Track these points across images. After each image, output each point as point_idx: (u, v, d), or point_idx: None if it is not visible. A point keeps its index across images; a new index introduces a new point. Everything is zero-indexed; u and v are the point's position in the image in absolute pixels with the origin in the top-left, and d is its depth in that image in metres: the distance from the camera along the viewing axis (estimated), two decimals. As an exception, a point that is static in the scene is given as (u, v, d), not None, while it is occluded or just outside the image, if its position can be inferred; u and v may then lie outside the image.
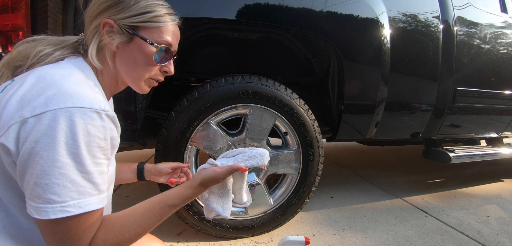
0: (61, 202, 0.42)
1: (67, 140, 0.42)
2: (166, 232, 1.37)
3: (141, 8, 0.56)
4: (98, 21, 0.56)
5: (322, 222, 1.54)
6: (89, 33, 0.57)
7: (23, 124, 0.42)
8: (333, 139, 1.51)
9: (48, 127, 0.41)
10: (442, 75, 1.50)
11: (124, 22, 0.56)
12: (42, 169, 0.41)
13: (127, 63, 0.59)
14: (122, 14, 0.56)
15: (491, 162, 2.68)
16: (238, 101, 1.17)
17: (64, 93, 0.43)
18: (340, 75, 1.30)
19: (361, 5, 1.24)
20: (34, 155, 0.41)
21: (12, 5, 0.99)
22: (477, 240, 1.42)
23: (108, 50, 0.58)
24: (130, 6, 0.56)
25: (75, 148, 0.43)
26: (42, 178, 0.41)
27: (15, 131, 0.42)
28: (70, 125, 0.42)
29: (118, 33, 0.56)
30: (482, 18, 1.64)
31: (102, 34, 0.56)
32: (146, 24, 0.57)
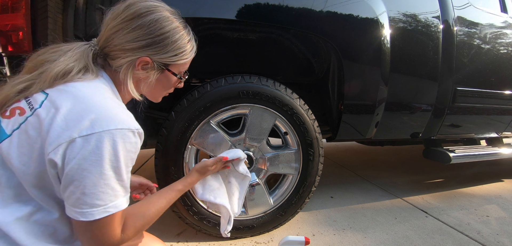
0: (104, 205, 0.51)
1: (111, 157, 0.51)
2: (166, 232, 1.37)
3: (176, 49, 0.65)
4: (134, 57, 0.62)
5: (322, 222, 1.54)
6: (121, 63, 0.62)
7: (71, 143, 0.49)
8: (333, 139, 1.51)
9: (95, 147, 0.49)
10: (442, 75, 1.50)
11: (159, 60, 0.64)
12: (91, 182, 0.50)
13: (152, 87, 0.68)
14: (159, 55, 0.64)
15: (491, 162, 2.68)
16: (238, 101, 1.17)
17: (105, 117, 0.51)
18: (340, 75, 1.30)
19: (361, 5, 1.24)
20: (82, 170, 0.49)
21: (12, 5, 0.99)
22: (477, 240, 1.42)
23: (131, 75, 0.64)
24: (166, 47, 0.64)
25: (116, 163, 0.52)
26: (90, 188, 0.50)
27: (63, 149, 0.49)
28: (113, 145, 0.51)
29: (152, 69, 0.65)
30: (482, 18, 1.64)
31: (137, 68, 0.63)
32: (176, 61, 0.67)
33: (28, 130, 0.51)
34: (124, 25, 0.61)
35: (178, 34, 0.65)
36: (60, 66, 0.56)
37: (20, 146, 0.51)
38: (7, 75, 1.05)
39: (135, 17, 0.61)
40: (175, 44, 0.65)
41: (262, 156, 1.27)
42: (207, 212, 1.25)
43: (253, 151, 1.26)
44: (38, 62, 0.59)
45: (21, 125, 0.52)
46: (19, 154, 0.50)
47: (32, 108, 0.53)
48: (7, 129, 0.52)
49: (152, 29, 0.62)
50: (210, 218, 1.26)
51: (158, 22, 0.62)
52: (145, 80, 0.66)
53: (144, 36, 0.61)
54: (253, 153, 1.25)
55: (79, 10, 1.02)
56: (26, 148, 0.50)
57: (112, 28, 0.62)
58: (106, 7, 1.03)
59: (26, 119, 0.52)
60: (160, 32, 0.62)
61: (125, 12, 0.61)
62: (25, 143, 0.51)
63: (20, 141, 0.51)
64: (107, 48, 0.63)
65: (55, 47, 0.61)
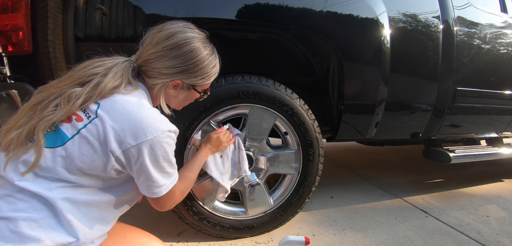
0: (165, 185, 0.72)
1: (163, 154, 0.67)
2: (166, 232, 1.37)
3: (203, 74, 0.78)
4: (168, 79, 0.74)
5: (322, 222, 1.54)
6: (156, 82, 0.74)
7: (132, 148, 0.63)
8: (333, 139, 1.51)
9: (150, 149, 0.65)
10: (442, 75, 1.50)
11: (189, 82, 0.77)
12: (154, 174, 0.68)
13: (178, 100, 0.81)
14: (190, 79, 0.77)
15: (491, 162, 2.68)
16: (238, 101, 1.17)
17: (150, 126, 0.64)
18: (340, 75, 1.30)
19: (361, 5, 1.24)
20: (146, 168, 0.66)
21: (12, 5, 0.99)
22: (477, 240, 1.42)
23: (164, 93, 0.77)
24: (196, 73, 0.76)
25: (167, 156, 0.69)
26: (154, 178, 0.68)
27: (128, 152, 0.63)
28: (163, 145, 0.67)
29: (182, 88, 0.78)
30: (482, 18, 1.64)
31: (169, 87, 0.76)
32: (202, 83, 0.80)
33: (87, 136, 0.62)
34: (164, 53, 0.72)
35: (206, 61, 0.77)
36: (112, 83, 0.67)
37: (80, 147, 0.61)
38: (7, 75, 1.05)
39: (174, 47, 0.72)
40: (203, 70, 0.77)
41: (262, 156, 1.27)
42: (207, 212, 1.25)
43: (253, 151, 1.26)
44: (85, 75, 0.67)
45: (81, 130, 0.62)
46: (80, 154, 0.61)
47: (89, 116, 0.64)
48: (68, 132, 0.62)
49: (187, 58, 0.73)
50: (210, 218, 1.26)
51: (193, 53, 0.74)
52: (174, 97, 0.80)
53: (180, 64, 0.73)
54: (253, 153, 1.25)
55: (79, 10, 1.02)
56: (85, 150, 0.62)
57: (153, 54, 0.72)
58: (106, 7, 1.04)
59: (85, 126, 0.63)
60: (193, 61, 0.74)
61: (166, 42, 0.72)
62: (85, 145, 0.62)
63: (80, 143, 0.62)
64: (145, 68, 0.75)
65: (98, 61, 0.71)
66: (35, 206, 0.58)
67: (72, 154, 0.61)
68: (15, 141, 0.59)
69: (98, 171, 0.64)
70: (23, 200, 0.58)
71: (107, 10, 1.04)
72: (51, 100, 0.64)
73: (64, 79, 0.68)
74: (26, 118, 0.62)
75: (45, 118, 0.61)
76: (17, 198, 0.58)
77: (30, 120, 0.61)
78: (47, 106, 0.63)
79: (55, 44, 1.01)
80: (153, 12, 1.06)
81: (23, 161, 0.60)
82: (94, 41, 1.05)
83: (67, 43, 1.02)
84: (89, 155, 0.62)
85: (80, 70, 0.68)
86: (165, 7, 1.07)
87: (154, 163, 0.67)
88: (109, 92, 0.66)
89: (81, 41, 1.04)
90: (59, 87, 0.66)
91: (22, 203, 0.58)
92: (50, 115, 0.61)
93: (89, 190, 0.65)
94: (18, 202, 0.58)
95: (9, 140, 0.60)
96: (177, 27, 0.74)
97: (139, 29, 1.06)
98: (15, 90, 1.02)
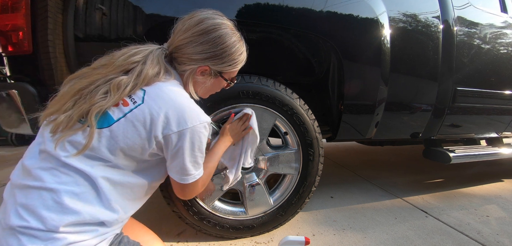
0: (193, 174, 0.76)
1: (198, 144, 0.72)
2: (166, 232, 1.37)
3: (231, 60, 0.80)
4: (197, 65, 0.77)
5: (322, 222, 1.54)
6: (185, 68, 0.78)
7: (173, 134, 0.68)
8: (333, 139, 1.51)
9: (189, 137, 0.70)
10: (442, 75, 1.49)
11: (216, 68, 0.79)
12: (187, 161, 0.73)
13: (206, 87, 0.84)
14: (218, 65, 0.79)
15: (491, 162, 2.68)
16: (238, 101, 1.17)
17: (192, 115, 0.70)
18: (340, 75, 1.30)
19: (361, 5, 1.24)
20: (181, 154, 0.71)
21: (12, 5, 0.99)
22: (477, 240, 1.42)
23: (192, 79, 0.81)
24: (224, 59, 0.78)
25: (201, 147, 0.74)
26: (186, 165, 0.73)
27: (168, 137, 0.68)
28: (199, 135, 0.71)
29: (210, 75, 0.81)
30: (482, 18, 1.64)
31: (197, 73, 0.79)
32: (230, 70, 0.82)
33: (133, 120, 0.66)
34: (194, 38, 0.75)
35: (234, 47, 0.79)
36: (152, 70, 0.71)
37: (125, 130, 0.66)
38: (7, 75, 1.05)
39: (203, 33, 0.75)
40: (231, 56, 0.79)
41: (262, 156, 1.27)
42: (207, 212, 1.25)
43: (253, 151, 1.25)
44: (127, 63, 0.71)
45: (127, 114, 0.66)
46: (124, 136, 0.66)
47: (135, 102, 0.68)
48: (114, 115, 0.66)
49: (215, 44, 0.76)
50: (210, 218, 1.26)
51: (221, 38, 0.76)
52: (202, 84, 0.82)
53: (208, 49, 0.76)
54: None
55: (79, 10, 1.02)
56: (130, 132, 0.66)
57: (183, 40, 0.76)
58: (106, 7, 1.04)
59: (131, 110, 0.67)
60: (221, 47, 0.76)
61: (196, 27, 0.75)
62: (130, 128, 0.66)
63: (126, 126, 0.66)
64: (176, 54, 0.78)
65: (135, 49, 0.74)
66: (77, 181, 0.63)
67: (117, 136, 0.65)
68: (64, 123, 0.63)
69: (136, 153, 0.68)
70: (67, 174, 0.63)
71: (107, 10, 1.04)
72: (97, 86, 0.67)
73: (104, 66, 0.71)
74: (72, 103, 0.66)
75: (97, 104, 0.64)
76: (61, 171, 0.63)
77: (78, 104, 0.65)
78: (95, 92, 0.66)
79: (55, 44, 1.01)
80: (153, 12, 1.06)
81: (70, 141, 0.64)
82: (94, 41, 1.05)
83: (67, 43, 1.03)
84: (132, 137, 0.66)
85: (119, 58, 0.71)
86: (165, 7, 1.07)
87: (190, 151, 0.71)
88: (151, 79, 0.71)
89: (81, 41, 1.04)
90: (102, 73, 0.69)
91: (65, 176, 0.62)
92: (101, 101, 0.65)
93: (124, 172, 0.69)
94: (62, 175, 0.62)
95: (59, 123, 0.63)
96: (206, 14, 0.77)
97: (139, 29, 1.06)
98: (15, 90, 1.02)
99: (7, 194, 0.65)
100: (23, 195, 0.61)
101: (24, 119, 1.06)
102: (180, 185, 0.77)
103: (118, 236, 0.73)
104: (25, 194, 0.61)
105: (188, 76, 0.79)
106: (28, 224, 0.58)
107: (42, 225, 0.59)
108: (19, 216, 0.59)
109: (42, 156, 0.65)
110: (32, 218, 0.59)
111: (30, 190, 0.61)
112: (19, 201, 0.61)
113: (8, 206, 0.62)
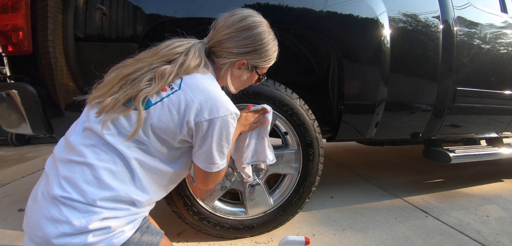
0: (218, 164, 0.78)
1: (226, 134, 0.75)
2: (166, 232, 1.36)
3: (266, 56, 0.85)
4: (235, 59, 0.81)
5: (322, 222, 1.54)
6: (224, 61, 0.82)
7: (204, 121, 0.71)
8: (333, 139, 1.51)
9: (218, 126, 0.72)
10: (442, 75, 1.49)
11: (253, 63, 0.84)
12: (214, 149, 0.75)
13: (241, 81, 0.88)
14: (255, 60, 0.83)
15: (491, 162, 2.68)
16: (238, 101, 1.17)
17: (222, 105, 0.72)
18: (340, 75, 1.30)
19: (361, 5, 1.24)
20: (210, 141, 0.73)
21: (12, 5, 0.99)
22: (477, 240, 1.42)
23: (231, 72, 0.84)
24: (261, 54, 0.83)
25: (228, 136, 0.76)
26: (213, 154, 0.75)
27: (200, 124, 0.71)
28: (228, 125, 0.74)
29: (246, 69, 0.85)
30: (482, 18, 1.64)
31: (235, 67, 0.83)
32: (264, 65, 0.87)
33: (169, 104, 0.70)
34: (237, 33, 0.79)
35: (271, 44, 0.84)
36: (194, 62, 0.76)
37: (160, 113, 0.70)
38: (7, 75, 1.05)
39: (246, 29, 0.79)
40: (268, 52, 0.84)
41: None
42: (207, 212, 1.25)
43: (253, 151, 1.25)
44: (170, 54, 0.75)
45: (164, 99, 0.70)
46: (158, 119, 0.70)
47: (172, 88, 0.72)
48: (152, 99, 0.70)
49: (256, 40, 0.80)
50: (210, 218, 1.26)
51: (261, 35, 0.81)
52: (238, 78, 0.87)
53: (249, 44, 0.80)
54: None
55: (79, 10, 1.02)
56: (164, 116, 0.70)
57: (225, 35, 0.79)
58: (106, 7, 1.04)
59: (168, 96, 0.71)
60: (260, 43, 0.81)
61: (239, 23, 0.79)
62: (165, 112, 0.70)
63: (162, 109, 0.70)
64: (216, 48, 0.82)
65: (178, 41, 0.78)
66: (114, 160, 0.68)
67: (152, 118, 0.69)
68: (111, 106, 0.67)
69: (168, 137, 0.72)
70: (106, 152, 0.67)
71: (107, 10, 1.04)
72: (143, 73, 0.72)
73: (149, 56, 0.76)
74: (118, 87, 0.70)
75: (144, 90, 0.69)
76: (101, 149, 0.67)
77: (124, 89, 0.70)
78: (141, 79, 0.70)
79: (55, 44, 1.01)
80: (153, 12, 1.06)
81: (113, 122, 0.69)
82: (94, 41, 1.05)
83: (67, 43, 1.03)
84: (166, 120, 0.70)
85: (163, 49, 0.76)
86: (165, 7, 1.07)
87: (218, 140, 0.74)
88: (192, 69, 0.75)
89: (81, 41, 1.04)
90: (147, 62, 0.74)
91: (105, 154, 0.67)
92: (147, 87, 0.69)
93: (154, 158, 0.73)
94: (102, 153, 0.67)
95: (105, 105, 0.67)
96: (248, 12, 0.82)
97: (139, 29, 1.06)
98: (15, 90, 1.02)
99: (49, 166, 0.70)
100: (66, 169, 0.66)
101: (24, 119, 1.06)
102: (204, 173, 0.80)
103: (146, 221, 0.77)
104: (68, 167, 0.66)
105: (227, 69, 0.83)
106: (70, 195, 0.63)
107: (82, 198, 0.63)
108: (62, 187, 0.64)
109: (85, 134, 0.69)
110: (74, 190, 0.63)
111: (73, 164, 0.66)
112: (62, 173, 0.65)
113: (51, 177, 0.66)
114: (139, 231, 0.73)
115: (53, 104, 1.07)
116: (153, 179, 0.75)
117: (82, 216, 0.62)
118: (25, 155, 3.17)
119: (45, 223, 0.62)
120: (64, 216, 0.62)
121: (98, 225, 0.63)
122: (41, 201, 0.65)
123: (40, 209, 0.64)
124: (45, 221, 0.62)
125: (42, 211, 0.63)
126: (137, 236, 0.72)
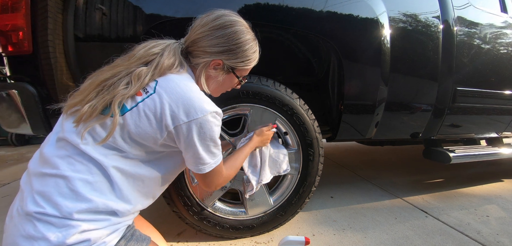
0: (209, 163, 0.76)
1: (210, 133, 0.72)
2: (166, 232, 1.37)
3: (244, 57, 0.82)
4: (210, 58, 0.79)
5: (322, 222, 1.54)
6: (199, 61, 0.80)
7: (183, 124, 0.69)
8: (333, 139, 1.51)
9: (200, 127, 0.70)
10: (442, 75, 1.49)
11: (229, 64, 0.81)
12: (200, 151, 0.73)
13: (217, 83, 0.85)
14: (231, 60, 0.80)
15: (491, 162, 2.68)
16: (238, 101, 1.17)
17: (200, 106, 0.70)
18: (340, 75, 1.30)
19: (361, 5, 1.24)
20: (193, 145, 0.72)
21: (12, 5, 0.99)
22: (477, 240, 1.42)
23: (205, 73, 0.82)
24: (237, 54, 0.80)
25: (213, 136, 0.73)
26: (200, 155, 0.74)
27: (179, 128, 0.69)
28: (209, 124, 0.71)
29: (222, 70, 0.82)
30: (482, 18, 1.64)
31: (209, 67, 0.80)
32: (242, 67, 0.84)
33: (144, 109, 0.68)
34: (210, 32, 0.77)
35: (248, 45, 0.81)
36: (167, 61, 0.74)
37: (136, 119, 0.67)
38: (7, 75, 1.05)
39: (220, 27, 0.77)
40: (244, 53, 0.81)
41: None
42: (207, 212, 1.25)
43: (253, 151, 1.25)
44: (147, 55, 0.74)
45: (139, 104, 0.68)
46: (135, 125, 0.67)
47: (147, 92, 0.70)
48: (128, 105, 0.68)
49: (230, 39, 0.78)
50: (210, 218, 1.26)
51: (236, 34, 0.78)
52: (214, 78, 0.83)
53: (223, 43, 0.78)
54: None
55: (79, 10, 1.02)
56: (141, 121, 0.68)
57: (200, 33, 0.78)
58: (106, 7, 1.04)
59: (143, 100, 0.69)
60: (235, 42, 0.79)
61: (213, 22, 0.77)
62: (141, 117, 0.68)
63: (138, 115, 0.67)
64: (192, 47, 0.80)
65: (154, 42, 0.77)
66: (91, 170, 0.65)
67: (129, 124, 0.67)
68: (88, 113, 0.65)
69: (148, 142, 0.70)
70: (81, 162, 0.65)
71: (107, 10, 1.04)
72: (120, 78, 0.70)
73: (126, 60, 0.74)
74: (95, 94, 0.68)
75: (120, 94, 0.67)
76: (76, 160, 0.64)
77: (101, 95, 0.67)
78: (118, 83, 0.68)
79: (55, 44, 1.01)
80: (153, 12, 1.07)
81: (90, 131, 0.66)
82: (94, 41, 1.05)
83: (67, 43, 1.03)
84: (143, 126, 0.68)
85: (140, 50, 0.75)
86: (165, 7, 1.07)
87: (201, 141, 0.72)
88: (165, 70, 0.73)
89: (81, 41, 1.04)
90: (124, 66, 0.72)
91: (80, 165, 0.64)
92: (123, 91, 0.67)
93: (136, 163, 0.71)
94: (77, 163, 0.64)
95: (82, 113, 0.65)
96: (224, 12, 0.80)
97: (139, 29, 1.06)
98: (15, 90, 1.02)
99: (24, 181, 0.67)
100: (39, 183, 0.63)
101: (24, 119, 1.06)
102: (199, 175, 0.79)
103: (130, 229, 0.75)
104: (42, 181, 0.63)
105: (201, 69, 0.81)
106: (44, 210, 0.60)
107: (57, 212, 0.60)
108: (36, 203, 0.61)
109: (59, 144, 0.67)
110: (48, 205, 0.61)
111: (47, 177, 0.63)
112: (35, 188, 0.63)
113: (25, 193, 0.64)
114: (124, 240, 0.71)
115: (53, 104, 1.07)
116: (136, 187, 0.72)
117: (58, 231, 0.60)
118: (25, 155, 3.17)
119: (21, 241, 0.60)
120: (39, 233, 0.59)
121: (77, 239, 0.61)
122: (16, 218, 0.63)
123: (16, 227, 0.62)
124: (21, 239, 0.60)
125: (18, 229, 0.61)
126: (121, 245, 0.70)
